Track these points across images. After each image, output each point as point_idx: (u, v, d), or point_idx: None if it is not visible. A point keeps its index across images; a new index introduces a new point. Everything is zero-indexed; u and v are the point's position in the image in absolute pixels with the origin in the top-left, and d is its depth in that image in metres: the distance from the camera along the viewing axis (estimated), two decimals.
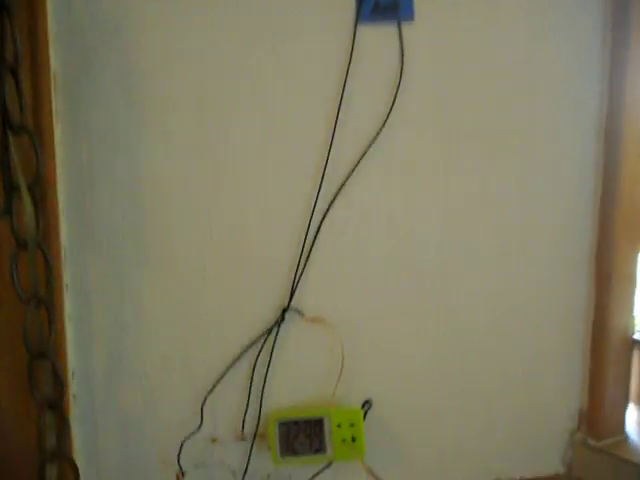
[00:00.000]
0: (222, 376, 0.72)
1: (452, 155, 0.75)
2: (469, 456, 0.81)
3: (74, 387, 0.70)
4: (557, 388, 0.82)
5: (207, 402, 0.72)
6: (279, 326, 0.72)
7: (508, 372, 0.80)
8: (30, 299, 0.60)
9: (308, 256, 0.72)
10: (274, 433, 0.72)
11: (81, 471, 0.68)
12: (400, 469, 0.78)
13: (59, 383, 0.62)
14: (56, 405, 0.63)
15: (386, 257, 0.74)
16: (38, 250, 0.62)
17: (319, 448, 0.72)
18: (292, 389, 0.74)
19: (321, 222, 0.72)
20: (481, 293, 0.78)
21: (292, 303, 0.72)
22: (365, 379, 0.76)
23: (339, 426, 0.72)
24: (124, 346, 0.70)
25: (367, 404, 0.76)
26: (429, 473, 0.80)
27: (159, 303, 0.70)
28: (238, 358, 0.72)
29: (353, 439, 0.71)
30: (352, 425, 0.72)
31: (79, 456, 0.71)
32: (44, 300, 0.61)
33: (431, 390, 0.78)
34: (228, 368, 0.72)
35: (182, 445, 0.71)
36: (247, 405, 0.73)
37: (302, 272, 0.72)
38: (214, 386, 0.72)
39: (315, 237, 0.72)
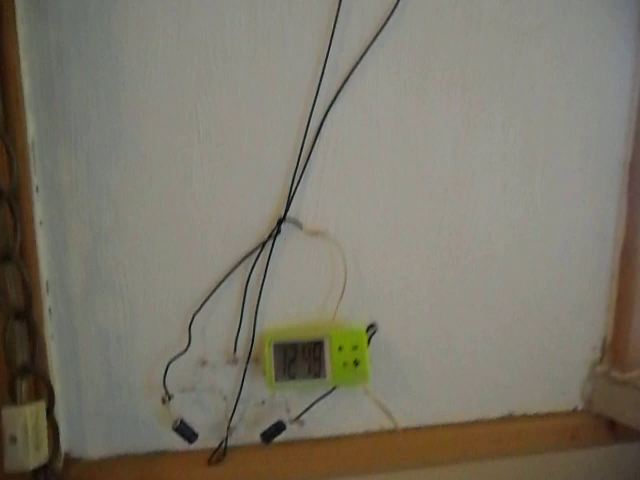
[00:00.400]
0: (212, 293, 0.65)
1: (471, 50, 0.65)
2: (480, 388, 0.74)
3: (49, 300, 0.63)
4: (579, 315, 0.74)
5: (195, 321, 0.65)
6: (274, 239, 0.65)
7: (526, 297, 0.73)
8: None
9: (307, 160, 0.64)
10: (269, 356, 0.65)
11: (61, 392, 0.64)
12: (406, 399, 0.72)
13: (27, 289, 0.56)
14: (25, 314, 0.56)
15: (395, 164, 0.66)
16: None
17: (318, 372, 0.65)
18: (289, 309, 0.68)
19: (322, 121, 0.64)
20: (500, 208, 0.70)
21: (289, 213, 0.65)
22: (370, 300, 0.69)
23: (340, 349, 0.65)
24: (103, 257, 0.64)
25: (372, 328, 0.69)
26: (437, 405, 0.74)
27: (140, 209, 0.63)
28: (229, 274, 0.65)
29: (356, 363, 0.65)
30: (355, 348, 0.65)
31: (58, 376, 0.65)
32: (6, 195, 0.54)
33: (442, 315, 0.71)
34: (218, 284, 0.65)
35: (168, 367, 0.65)
36: (239, 325, 0.66)
37: (300, 178, 0.64)
38: (203, 304, 0.65)
39: (316, 138, 0.64)
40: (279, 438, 0.68)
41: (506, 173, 0.69)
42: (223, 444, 0.69)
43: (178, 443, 0.67)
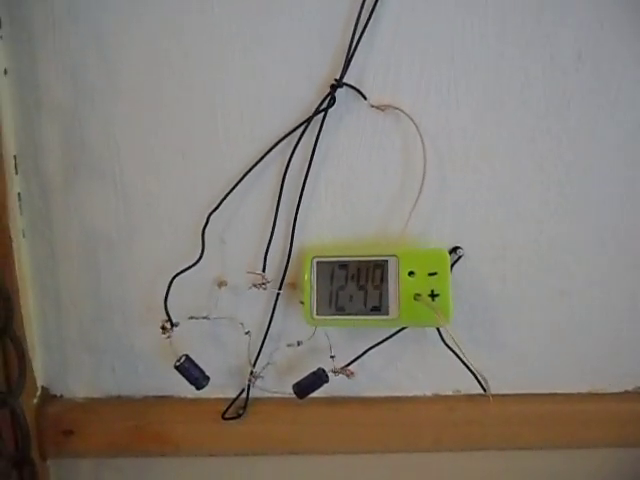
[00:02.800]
0: (234, 186, 0.47)
1: None
2: (599, 350, 0.53)
3: (19, 182, 0.47)
4: None
5: (211, 225, 0.47)
6: (326, 112, 0.45)
7: None
8: None
9: (372, 12, 0.43)
10: (310, 278, 0.47)
11: (35, 309, 0.50)
12: (496, 356, 0.52)
13: None
14: None
15: (506, 12, 0.45)
16: None
17: (378, 306, 0.46)
18: (341, 215, 0.48)
19: None
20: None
21: (348, 77, 0.45)
22: (455, 214, 0.48)
23: (412, 274, 0.45)
24: (89, 128, 0.47)
25: (456, 252, 0.49)
26: (538, 367, 0.53)
27: (142, 64, 0.45)
28: (259, 161, 0.46)
29: (433, 295, 0.45)
30: (433, 275, 0.45)
31: (31, 287, 0.50)
32: None
33: (555, 245, 0.49)
34: (243, 175, 0.47)
35: (171, 282, 0.47)
36: (271, 235, 0.48)
37: (366, 26, 0.44)
38: (222, 201, 0.47)
39: None
40: (318, 393, 0.49)
41: None
42: (243, 394, 0.52)
43: (186, 388, 0.50)
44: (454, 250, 0.49)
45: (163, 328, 0.47)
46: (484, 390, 0.45)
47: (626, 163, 0.47)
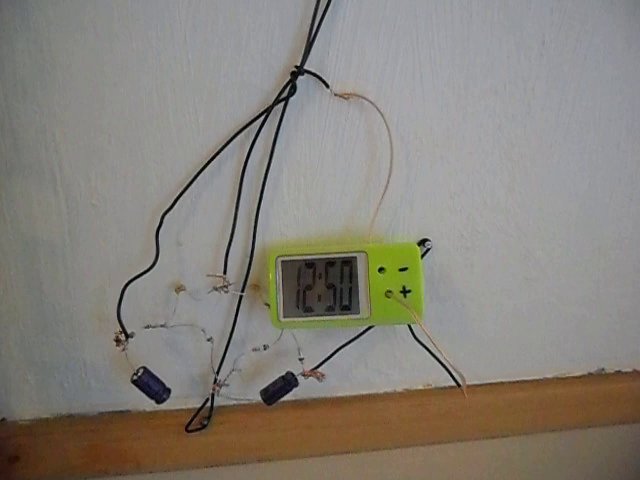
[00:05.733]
0: (190, 183, 0.43)
1: None
2: (563, 334, 0.53)
3: None
4: None
5: (166, 225, 0.44)
6: (286, 102, 0.42)
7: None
8: None
9: None
10: (275, 279, 0.44)
11: None
12: (465, 347, 0.52)
13: None
14: None
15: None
16: None
17: (348, 305, 0.44)
18: (305, 211, 0.46)
19: None
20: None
21: (309, 63, 0.42)
22: (422, 207, 0.47)
23: (382, 271, 0.44)
24: (22, 121, 0.41)
25: (426, 244, 0.48)
26: (506, 356, 0.53)
27: (82, 47, 0.40)
28: (216, 154, 0.43)
29: (405, 291, 0.43)
30: (405, 269, 0.43)
31: None
32: None
33: (520, 233, 0.49)
34: (200, 170, 0.43)
35: (124, 290, 0.43)
36: (232, 234, 0.45)
37: (327, 7, 0.41)
38: (177, 199, 0.43)
39: None
40: (287, 398, 0.47)
41: None
42: (207, 404, 0.49)
43: (144, 401, 0.46)
44: (422, 242, 0.48)
45: (117, 340, 0.43)
46: (458, 385, 0.44)
47: (592, 149, 0.47)
